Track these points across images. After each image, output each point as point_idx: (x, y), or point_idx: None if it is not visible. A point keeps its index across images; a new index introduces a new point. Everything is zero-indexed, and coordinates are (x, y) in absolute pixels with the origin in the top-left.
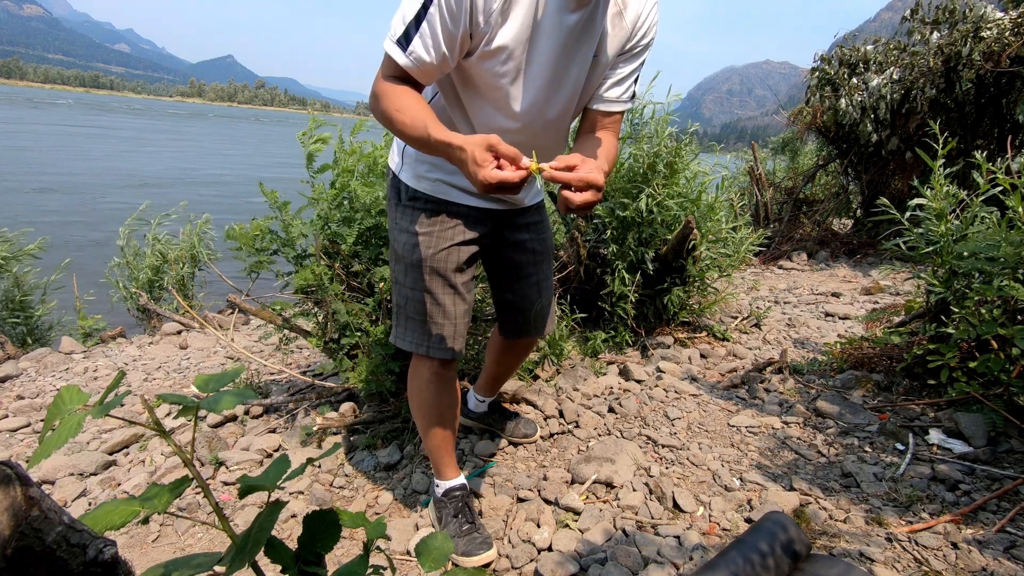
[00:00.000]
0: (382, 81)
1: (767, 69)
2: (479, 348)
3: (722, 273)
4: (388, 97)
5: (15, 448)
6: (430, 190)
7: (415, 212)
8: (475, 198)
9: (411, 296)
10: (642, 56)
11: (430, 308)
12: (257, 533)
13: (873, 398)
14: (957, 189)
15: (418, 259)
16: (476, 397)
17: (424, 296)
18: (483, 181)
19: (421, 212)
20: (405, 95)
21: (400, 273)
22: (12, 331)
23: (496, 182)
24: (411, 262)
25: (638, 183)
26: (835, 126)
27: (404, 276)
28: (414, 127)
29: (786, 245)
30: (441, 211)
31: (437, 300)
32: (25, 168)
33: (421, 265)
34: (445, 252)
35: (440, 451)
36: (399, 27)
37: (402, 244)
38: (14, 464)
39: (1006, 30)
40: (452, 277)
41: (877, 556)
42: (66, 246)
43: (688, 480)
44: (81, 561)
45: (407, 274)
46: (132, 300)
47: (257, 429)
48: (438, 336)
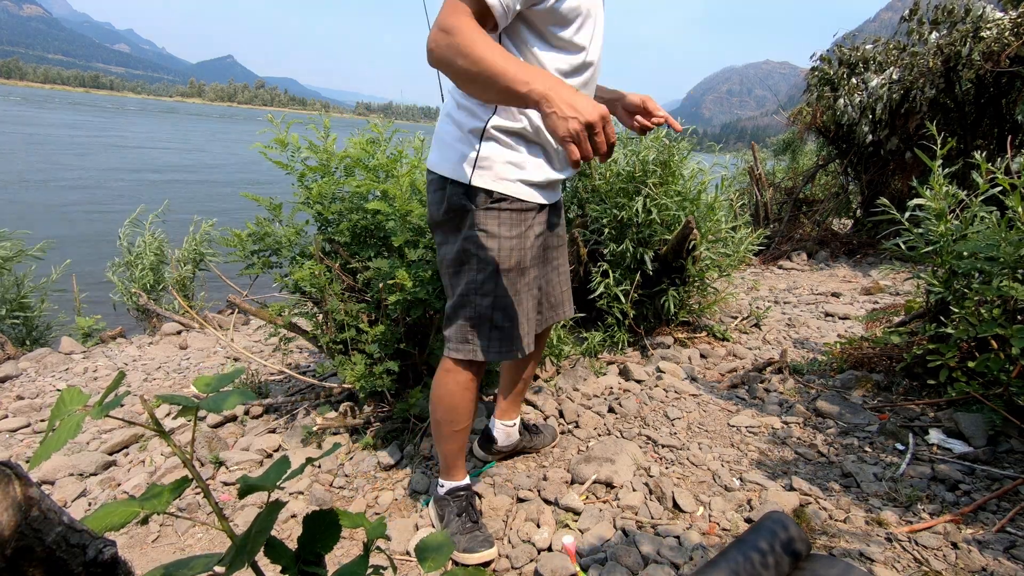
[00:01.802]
0: (456, 15)
1: (767, 69)
2: None
3: (722, 273)
4: (463, 32)
5: (15, 448)
6: (512, 191)
7: (500, 216)
8: (547, 192)
9: (500, 303)
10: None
11: (519, 311)
12: (257, 533)
13: (873, 398)
14: (957, 189)
15: (516, 263)
16: (503, 425)
17: (515, 300)
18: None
19: (507, 215)
20: (482, 32)
21: (487, 282)
22: (12, 331)
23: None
24: (508, 267)
25: (635, 183)
26: (835, 126)
27: (494, 284)
28: (495, 62)
29: (786, 245)
30: (523, 211)
31: (523, 301)
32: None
33: (517, 268)
34: (532, 251)
35: (457, 454)
36: None
37: (494, 251)
38: (14, 464)
39: (1006, 30)
40: (532, 274)
41: (877, 556)
42: (63, 246)
43: (688, 480)
44: (81, 561)
45: (497, 281)
46: (132, 300)
47: (257, 429)
48: (519, 337)
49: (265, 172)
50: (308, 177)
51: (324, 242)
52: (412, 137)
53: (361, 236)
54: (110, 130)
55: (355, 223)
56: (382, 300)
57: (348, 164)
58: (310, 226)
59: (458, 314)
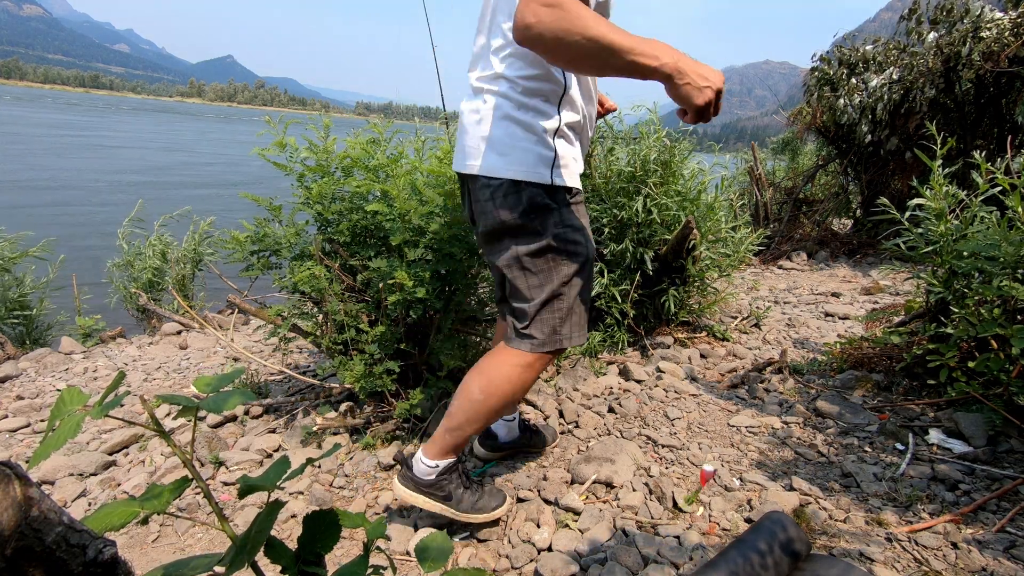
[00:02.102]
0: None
1: (767, 69)
2: (477, 349)
3: (722, 273)
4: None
5: (15, 448)
6: (578, 184)
7: (578, 209)
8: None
9: (584, 292)
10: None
11: (590, 295)
12: (257, 533)
13: (873, 398)
14: (957, 189)
15: (592, 250)
16: (505, 420)
17: (591, 286)
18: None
19: (581, 207)
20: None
21: (577, 273)
22: (12, 331)
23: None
24: (588, 256)
25: (636, 183)
26: (834, 126)
27: (581, 275)
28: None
29: (786, 245)
30: (583, 202)
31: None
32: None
33: (591, 255)
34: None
35: (475, 434)
36: None
37: (581, 243)
38: (14, 464)
39: (1005, 30)
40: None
41: (877, 556)
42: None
43: (688, 480)
44: (81, 561)
45: (582, 272)
46: (132, 300)
47: (257, 429)
48: (588, 321)
49: (250, 173)
50: (307, 177)
51: (324, 242)
52: (412, 137)
53: (361, 236)
54: (97, 129)
55: (355, 223)
56: (382, 300)
57: (347, 164)
58: (310, 226)
59: (548, 310)
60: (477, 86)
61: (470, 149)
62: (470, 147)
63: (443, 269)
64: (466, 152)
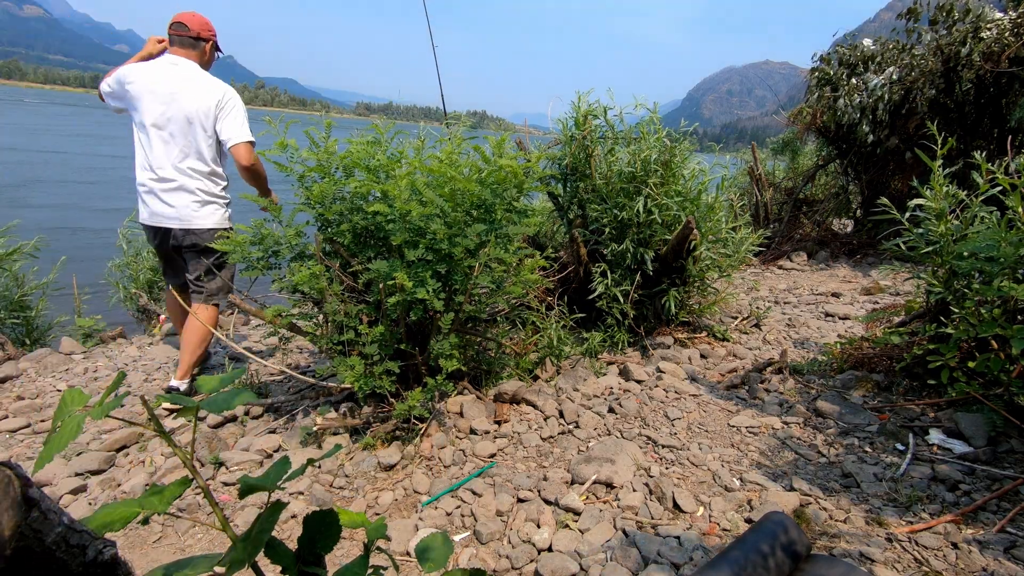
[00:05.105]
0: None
1: (767, 69)
2: (476, 349)
3: (722, 273)
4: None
5: (15, 449)
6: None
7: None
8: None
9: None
10: None
11: None
12: (257, 534)
13: (873, 398)
14: (957, 189)
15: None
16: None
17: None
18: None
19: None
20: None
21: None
22: (12, 331)
23: None
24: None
25: (636, 183)
26: (835, 126)
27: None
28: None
29: (786, 245)
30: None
31: None
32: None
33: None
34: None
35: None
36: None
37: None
38: (14, 465)
39: (1005, 30)
40: None
41: (877, 556)
42: (63, 246)
43: (688, 480)
44: (81, 562)
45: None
46: (132, 301)
47: (257, 429)
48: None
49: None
50: (308, 178)
51: (325, 243)
52: (413, 137)
53: (362, 237)
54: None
55: (355, 224)
56: (382, 301)
57: (347, 165)
58: (309, 227)
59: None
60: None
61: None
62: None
63: (443, 269)
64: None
